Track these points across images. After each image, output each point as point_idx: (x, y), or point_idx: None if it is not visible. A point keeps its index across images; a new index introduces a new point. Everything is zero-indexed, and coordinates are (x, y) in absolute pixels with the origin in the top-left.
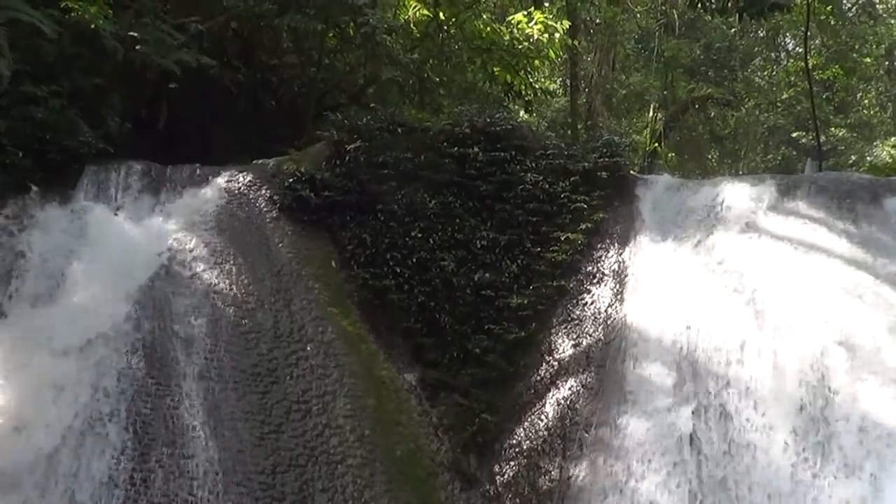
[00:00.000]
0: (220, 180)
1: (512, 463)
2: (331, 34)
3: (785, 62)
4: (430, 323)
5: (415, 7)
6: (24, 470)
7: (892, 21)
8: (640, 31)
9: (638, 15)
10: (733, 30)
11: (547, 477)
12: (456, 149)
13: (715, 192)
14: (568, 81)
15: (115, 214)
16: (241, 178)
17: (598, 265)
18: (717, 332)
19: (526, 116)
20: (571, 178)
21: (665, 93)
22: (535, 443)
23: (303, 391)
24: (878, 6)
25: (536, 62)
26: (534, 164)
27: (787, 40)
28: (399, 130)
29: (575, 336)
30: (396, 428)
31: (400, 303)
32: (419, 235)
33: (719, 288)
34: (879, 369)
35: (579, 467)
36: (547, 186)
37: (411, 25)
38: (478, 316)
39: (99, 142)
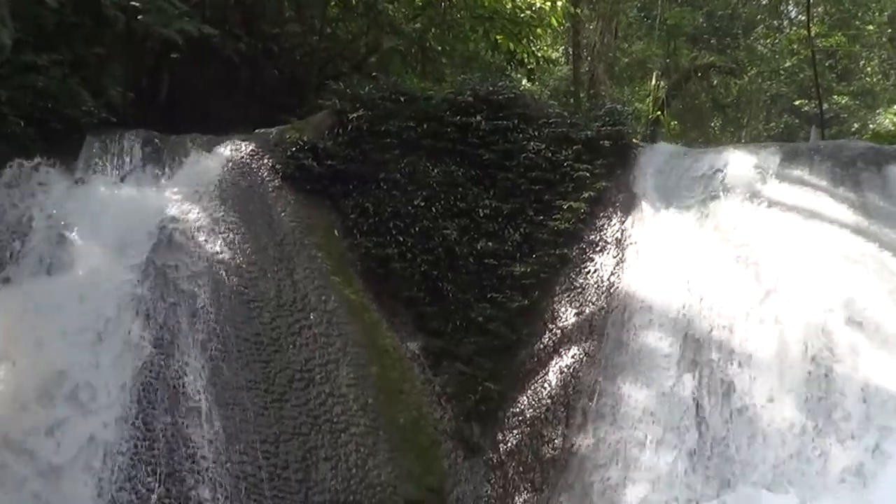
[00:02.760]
0: (223, 150)
1: (515, 431)
2: (333, 3)
3: (787, 30)
4: (433, 291)
5: None
6: (32, 439)
7: None
8: None
9: None
10: None
11: (550, 445)
12: (458, 117)
13: (717, 160)
14: (570, 50)
15: (117, 184)
16: (243, 148)
17: (601, 233)
18: (720, 300)
19: (528, 85)
20: (574, 147)
21: (667, 61)
22: (538, 411)
23: (306, 360)
24: None
25: (539, 30)
26: (536, 133)
27: (790, 8)
28: (401, 99)
29: (577, 304)
30: (399, 396)
31: (403, 271)
32: (422, 204)
33: (721, 256)
34: (882, 337)
35: (582, 436)
36: (549, 155)
37: None
38: (480, 284)
39: (101, 111)
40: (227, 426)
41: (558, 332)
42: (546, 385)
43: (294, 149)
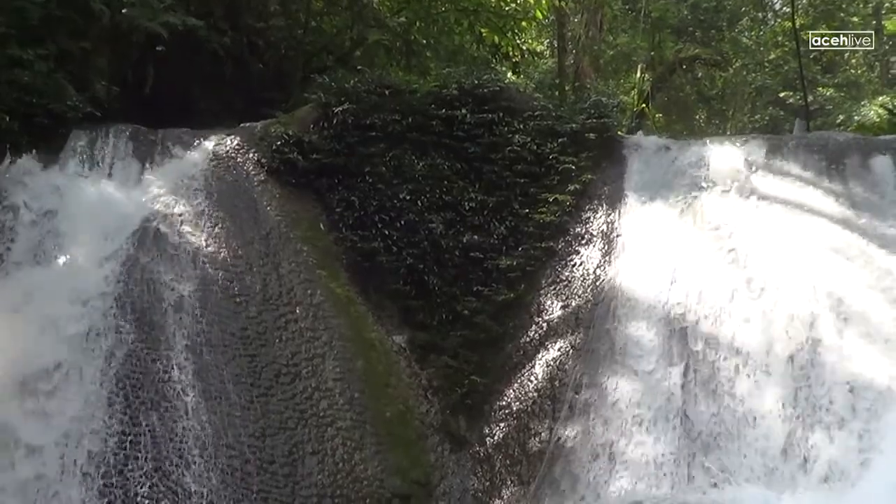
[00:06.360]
0: (208, 144)
1: (502, 424)
2: None
3: (772, 22)
4: (419, 285)
5: None
6: (20, 434)
7: None
8: None
9: None
10: None
11: (537, 438)
12: (444, 111)
13: (702, 152)
14: (555, 43)
15: (103, 178)
16: (228, 142)
17: (587, 226)
18: (706, 292)
19: (513, 78)
20: (559, 140)
21: (652, 53)
22: (524, 404)
23: (292, 354)
24: None
25: (523, 23)
26: (521, 126)
27: (774, 0)
28: (387, 93)
29: (563, 297)
30: (386, 390)
31: (388, 265)
32: (407, 198)
33: (707, 248)
34: (868, 328)
35: (569, 428)
36: (535, 148)
37: None
38: (466, 278)
39: (86, 105)
40: (213, 420)
41: (544, 324)
42: (532, 378)
43: (279, 143)
